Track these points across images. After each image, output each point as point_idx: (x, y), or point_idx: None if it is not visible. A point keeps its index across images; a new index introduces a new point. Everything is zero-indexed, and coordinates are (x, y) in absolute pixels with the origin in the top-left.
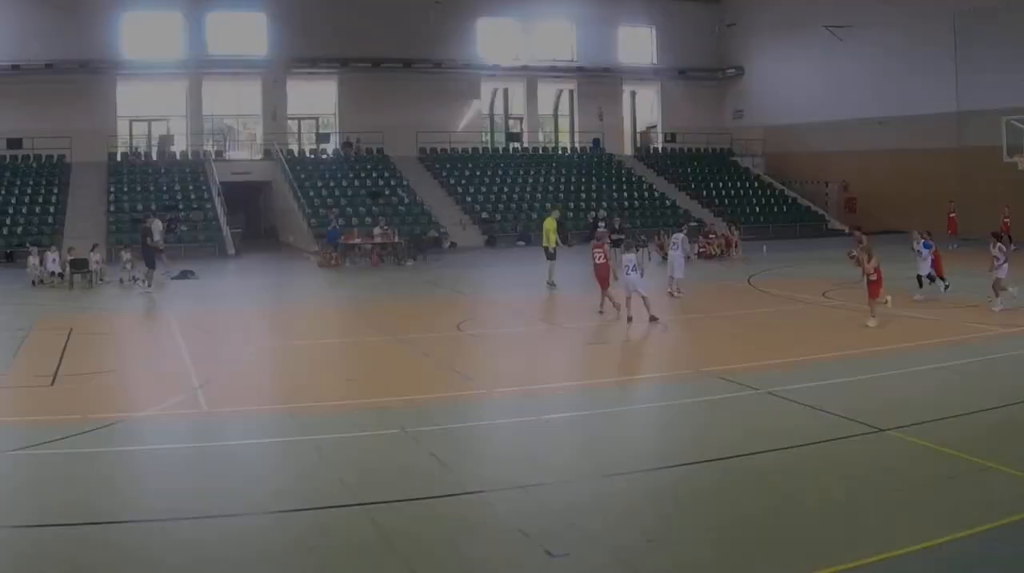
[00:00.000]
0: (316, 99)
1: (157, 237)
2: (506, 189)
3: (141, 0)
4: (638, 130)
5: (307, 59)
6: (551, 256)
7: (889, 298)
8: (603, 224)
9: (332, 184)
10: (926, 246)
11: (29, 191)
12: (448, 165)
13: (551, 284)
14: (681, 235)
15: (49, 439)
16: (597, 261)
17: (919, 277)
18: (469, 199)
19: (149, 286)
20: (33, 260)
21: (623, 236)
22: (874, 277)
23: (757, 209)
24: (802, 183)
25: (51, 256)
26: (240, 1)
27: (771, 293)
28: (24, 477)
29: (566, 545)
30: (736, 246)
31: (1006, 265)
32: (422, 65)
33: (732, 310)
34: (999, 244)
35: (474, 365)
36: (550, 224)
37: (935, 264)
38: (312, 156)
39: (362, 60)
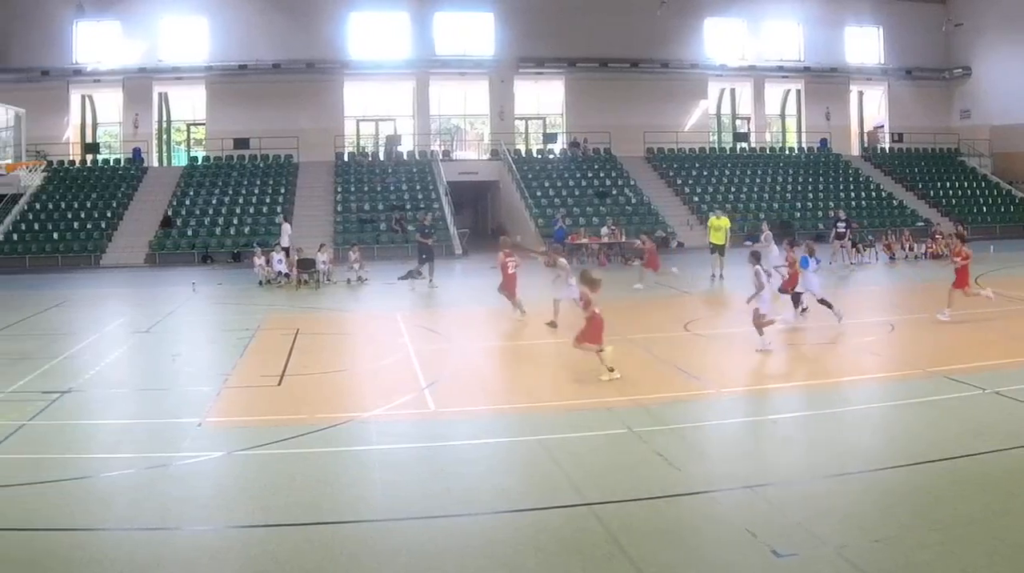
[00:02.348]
0: (543, 99)
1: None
2: (733, 189)
3: (368, 0)
4: (865, 130)
5: (534, 59)
6: (718, 251)
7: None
8: (841, 224)
9: (559, 184)
10: (804, 262)
11: (256, 191)
12: (675, 165)
13: (717, 277)
14: (767, 233)
15: (276, 439)
16: (509, 271)
17: (822, 300)
18: (696, 199)
19: (430, 281)
20: (259, 260)
21: (851, 235)
22: (587, 312)
23: (984, 209)
24: None
25: (277, 256)
26: (467, 1)
27: (998, 293)
28: (251, 477)
29: (793, 545)
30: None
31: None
32: (649, 65)
33: (958, 310)
34: (757, 266)
35: (701, 365)
36: (721, 223)
37: (790, 284)
38: (539, 156)
39: (589, 60)
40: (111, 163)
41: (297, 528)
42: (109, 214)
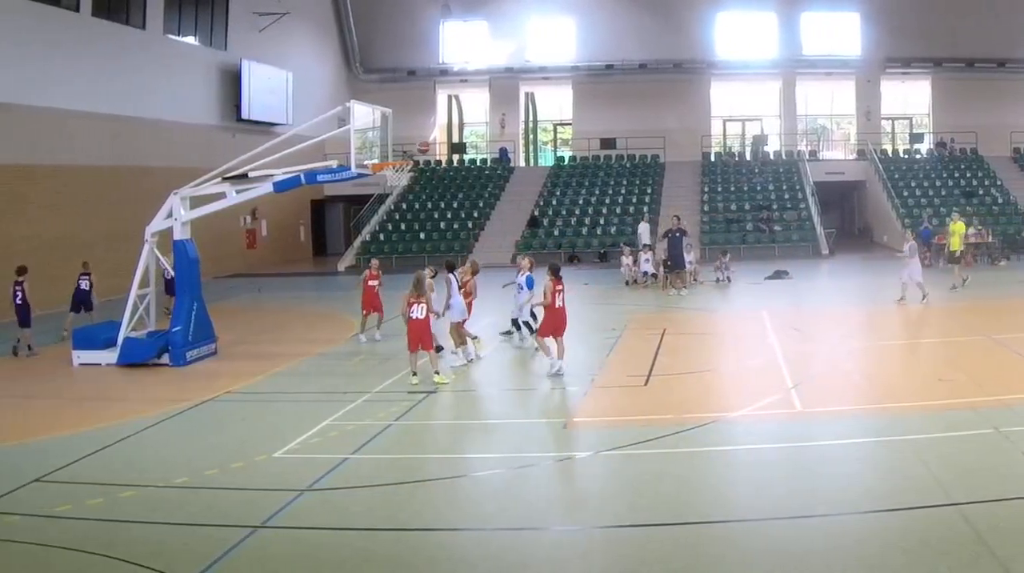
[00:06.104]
0: (909, 99)
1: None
2: None
3: (735, 1)
4: None
5: (900, 59)
6: (955, 260)
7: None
8: None
9: (925, 184)
10: (529, 283)
11: (623, 191)
12: None
13: (958, 286)
14: (911, 243)
15: (642, 439)
16: (413, 314)
17: (518, 322)
18: None
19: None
20: (626, 260)
21: None
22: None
23: None
24: None
25: (644, 256)
26: (834, 1)
27: None
28: (618, 477)
29: None
30: None
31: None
32: (1017, 65)
33: None
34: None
35: None
36: (956, 228)
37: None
38: (905, 156)
39: (955, 60)
40: (477, 163)
41: (663, 528)
42: (476, 214)
